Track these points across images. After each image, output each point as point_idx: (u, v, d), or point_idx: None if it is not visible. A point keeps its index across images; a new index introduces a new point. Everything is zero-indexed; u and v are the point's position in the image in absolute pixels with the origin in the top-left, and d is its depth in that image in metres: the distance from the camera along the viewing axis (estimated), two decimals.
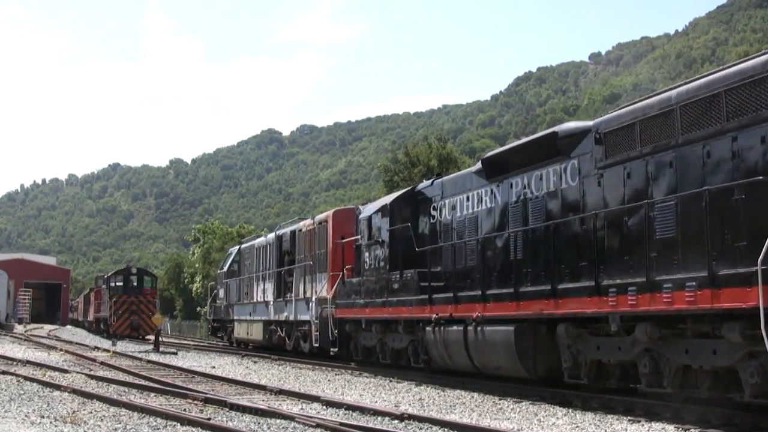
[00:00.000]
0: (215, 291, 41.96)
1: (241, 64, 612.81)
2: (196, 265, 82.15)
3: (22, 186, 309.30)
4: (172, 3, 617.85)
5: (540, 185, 15.53)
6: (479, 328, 16.21)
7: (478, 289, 16.61)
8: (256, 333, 32.52)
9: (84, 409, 12.95)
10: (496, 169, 16.99)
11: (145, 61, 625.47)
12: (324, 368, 22.97)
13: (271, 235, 33.08)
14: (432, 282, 18.46)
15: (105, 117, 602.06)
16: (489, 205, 17.25)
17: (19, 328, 56.98)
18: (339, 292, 23.74)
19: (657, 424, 11.36)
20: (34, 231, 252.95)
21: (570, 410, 13.04)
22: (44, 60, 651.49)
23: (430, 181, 20.59)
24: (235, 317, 36.39)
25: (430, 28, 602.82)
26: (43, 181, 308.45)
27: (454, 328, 17.18)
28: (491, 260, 16.67)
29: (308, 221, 28.84)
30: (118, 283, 48.33)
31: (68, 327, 76.16)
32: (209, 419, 11.46)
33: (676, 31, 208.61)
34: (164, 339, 38.42)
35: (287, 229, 31.43)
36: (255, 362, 26.24)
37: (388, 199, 22.02)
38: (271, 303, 30.99)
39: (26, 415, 12.25)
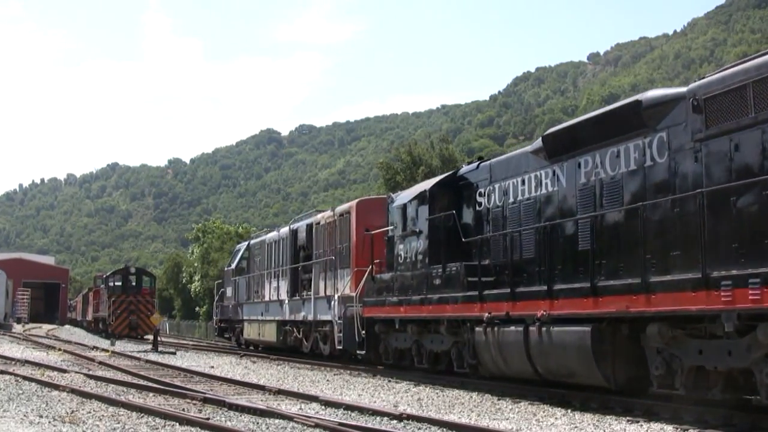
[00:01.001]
0: (222, 289, 39.60)
1: (239, 64, 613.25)
2: (195, 265, 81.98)
3: (20, 186, 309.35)
4: (170, 3, 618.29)
5: (617, 164, 13.51)
6: (544, 329, 14.12)
7: (540, 283, 14.74)
8: (269, 334, 30.69)
9: (82, 409, 12.97)
10: (559, 148, 14.98)
11: (144, 61, 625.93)
12: (323, 368, 22.96)
13: (285, 230, 31.19)
14: (473, 277, 16.64)
15: (104, 117, 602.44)
16: (551, 189, 15.26)
17: (17, 328, 57.13)
18: (367, 290, 21.80)
19: (656, 424, 11.37)
20: (32, 231, 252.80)
21: (569, 410, 13.06)
22: (43, 60, 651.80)
23: (475, 164, 18.57)
24: (245, 317, 34.34)
25: (429, 28, 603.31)
26: (42, 180, 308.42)
27: (512, 328, 15.12)
28: (556, 251, 14.64)
29: (327, 213, 26.96)
30: (116, 283, 48.27)
31: (67, 327, 76.14)
32: (208, 419, 11.48)
33: (675, 31, 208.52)
34: (163, 339, 38.34)
35: (303, 223, 29.50)
36: (254, 362, 26.25)
37: (426, 184, 19.83)
38: (286, 302, 29.03)
39: (25, 415, 12.25)
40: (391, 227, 20.96)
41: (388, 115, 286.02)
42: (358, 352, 22.55)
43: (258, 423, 11.51)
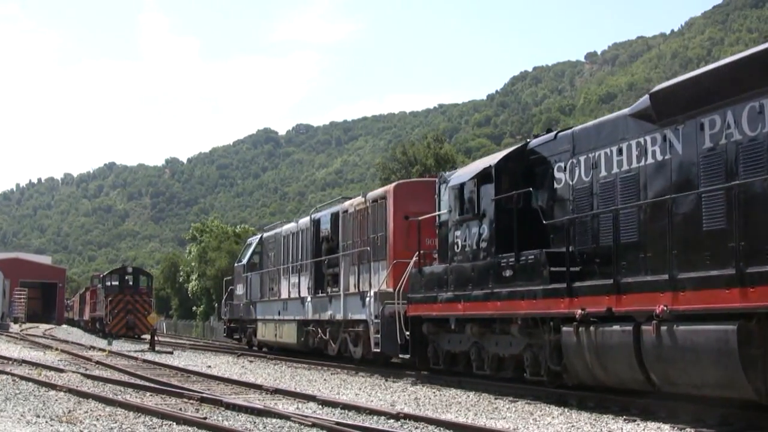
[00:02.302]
0: (231, 287, 37.05)
1: (236, 63, 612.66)
2: (192, 264, 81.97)
3: (17, 185, 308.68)
4: (168, 2, 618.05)
5: (758, 121, 11.04)
6: (664, 328, 11.45)
7: (649, 272, 12.24)
8: (288, 335, 28.32)
9: (80, 409, 12.99)
10: (673, 107, 12.39)
11: (141, 60, 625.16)
12: (320, 368, 22.99)
13: (304, 220, 28.77)
14: (561, 267, 14.02)
15: (101, 116, 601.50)
16: (660, 158, 12.68)
17: (14, 328, 57.25)
18: (412, 284, 19.19)
19: (653, 423, 11.40)
20: (29, 230, 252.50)
21: (566, 409, 13.10)
22: (40, 59, 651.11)
23: (552, 134, 16.04)
24: (259, 316, 31.89)
25: (426, 27, 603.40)
26: (39, 180, 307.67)
27: (616, 328, 12.38)
28: (672, 232, 12.07)
29: (357, 199, 24.28)
30: (113, 283, 48.38)
31: (64, 326, 76.47)
32: (205, 419, 11.49)
33: (672, 30, 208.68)
34: (160, 338, 38.33)
35: (327, 212, 27.17)
36: (251, 362, 26.28)
37: (491, 159, 17.01)
38: (308, 300, 26.48)
39: (22, 415, 12.25)
40: (444, 211, 18.33)
41: (386, 114, 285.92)
42: (400, 356, 20.27)
43: (255, 422, 11.54)
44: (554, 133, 15.94)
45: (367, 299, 21.66)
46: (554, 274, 14.15)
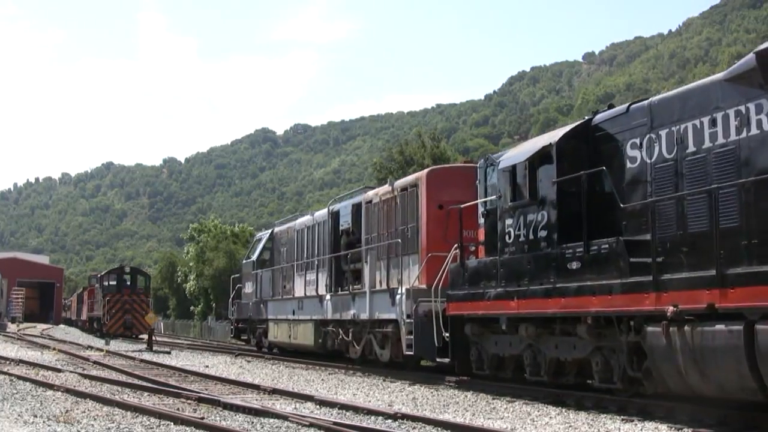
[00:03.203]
0: (239, 285, 35.22)
1: (234, 63, 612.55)
2: (190, 264, 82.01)
3: (15, 185, 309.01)
4: (166, 1, 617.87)
5: None
6: None
7: (759, 260, 10.52)
8: (303, 336, 26.41)
9: (77, 409, 12.96)
10: None
11: (139, 60, 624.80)
12: (318, 368, 22.94)
13: (321, 213, 26.82)
14: (638, 257, 12.28)
15: (98, 115, 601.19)
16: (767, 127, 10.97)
17: (12, 327, 57.09)
18: (453, 279, 17.28)
19: (650, 423, 11.42)
20: (27, 230, 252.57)
21: (563, 410, 13.09)
22: (38, 58, 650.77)
23: (622, 107, 14.20)
24: (270, 316, 29.94)
25: (424, 27, 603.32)
26: (36, 179, 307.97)
27: (721, 328, 10.59)
28: None
29: (383, 188, 22.51)
30: (111, 282, 48.44)
31: (61, 326, 76.25)
32: (203, 418, 11.48)
33: (670, 31, 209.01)
34: (157, 338, 38.38)
35: (347, 203, 25.20)
36: (248, 361, 26.23)
37: (550, 137, 15.06)
38: (327, 298, 24.57)
39: (19, 415, 12.23)
40: (492, 197, 16.46)
41: (384, 114, 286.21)
42: (438, 359, 18.21)
43: (253, 422, 11.52)
44: (626, 105, 14.05)
45: (398, 297, 19.72)
46: (634, 266, 12.29)
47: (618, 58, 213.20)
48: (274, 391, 15.65)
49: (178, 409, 12.73)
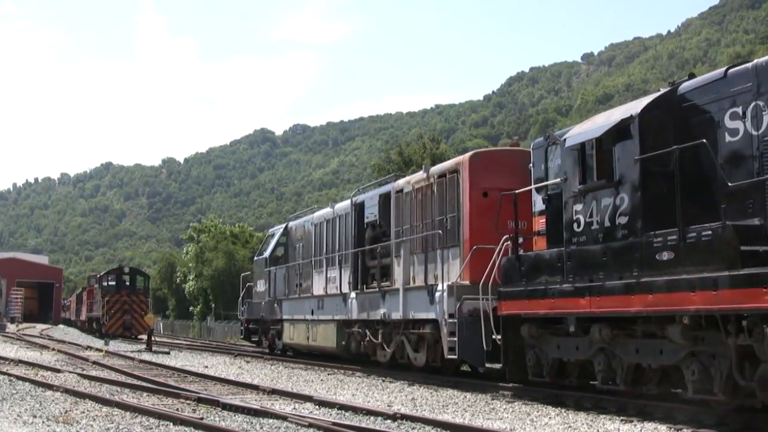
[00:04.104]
0: (249, 284, 33.73)
1: (233, 63, 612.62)
2: (189, 265, 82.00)
3: (14, 185, 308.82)
4: (164, 1, 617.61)
5: None
6: None
7: None
8: (324, 338, 24.63)
9: (76, 409, 12.96)
10: None
11: (138, 60, 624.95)
12: (317, 368, 22.94)
13: (343, 204, 25.03)
14: (745, 245, 10.60)
15: (97, 116, 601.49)
16: None
17: (11, 328, 57.06)
18: (506, 275, 15.48)
19: (649, 423, 11.40)
20: (26, 230, 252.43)
21: (562, 410, 13.09)
22: (36, 58, 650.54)
23: (718, 71, 12.54)
24: (285, 316, 28.10)
25: (423, 27, 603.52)
26: (36, 180, 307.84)
27: None
28: None
29: (417, 176, 20.48)
30: (110, 283, 48.51)
31: (60, 326, 76.22)
32: (202, 419, 11.48)
33: (669, 31, 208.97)
34: (157, 338, 38.36)
35: (373, 193, 23.35)
36: (248, 362, 26.21)
37: (629, 109, 13.09)
38: (352, 296, 22.71)
39: (18, 415, 12.23)
40: (555, 180, 14.67)
41: (383, 114, 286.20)
42: (487, 364, 16.36)
43: (252, 423, 11.52)
44: (722, 70, 12.42)
45: (438, 294, 17.91)
46: (746, 255, 10.56)
47: (617, 58, 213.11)
48: (274, 392, 15.64)
49: (177, 410, 12.72)
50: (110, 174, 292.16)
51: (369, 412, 12.55)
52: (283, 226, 30.83)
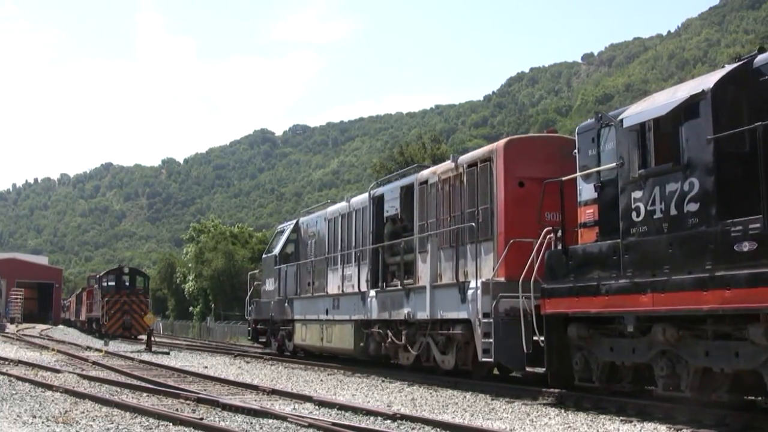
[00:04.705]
0: (257, 282, 32.64)
1: (233, 64, 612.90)
2: (189, 265, 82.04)
3: (14, 185, 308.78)
4: (164, 1, 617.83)
5: None
6: None
7: None
8: (340, 339, 23.38)
9: (76, 409, 12.95)
10: None
11: (138, 60, 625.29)
12: (316, 368, 22.92)
13: (359, 198, 23.74)
14: None
15: (97, 116, 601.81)
16: None
17: (11, 328, 57.00)
18: (551, 270, 14.15)
19: (649, 424, 11.39)
20: (26, 230, 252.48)
21: (562, 410, 13.09)
22: (36, 58, 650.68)
23: None
24: (297, 316, 26.78)
25: (423, 28, 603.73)
26: (35, 180, 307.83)
27: None
28: None
29: (443, 166, 19.26)
30: (110, 283, 48.43)
31: (60, 327, 76.19)
32: (201, 419, 11.46)
33: (669, 32, 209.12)
34: (156, 339, 38.34)
35: (394, 185, 21.97)
36: (247, 362, 26.18)
37: (700, 83, 11.85)
38: (371, 295, 21.42)
39: (18, 415, 12.22)
40: (611, 165, 13.21)
41: (382, 115, 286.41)
42: (528, 369, 15.01)
43: (251, 423, 11.51)
44: None
45: (470, 292, 16.61)
46: None
47: (617, 58, 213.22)
48: (273, 392, 15.64)
49: (177, 410, 12.72)
50: (110, 174, 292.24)
51: (369, 413, 12.54)
52: (294, 222, 29.59)
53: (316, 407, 13.57)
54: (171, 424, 11.41)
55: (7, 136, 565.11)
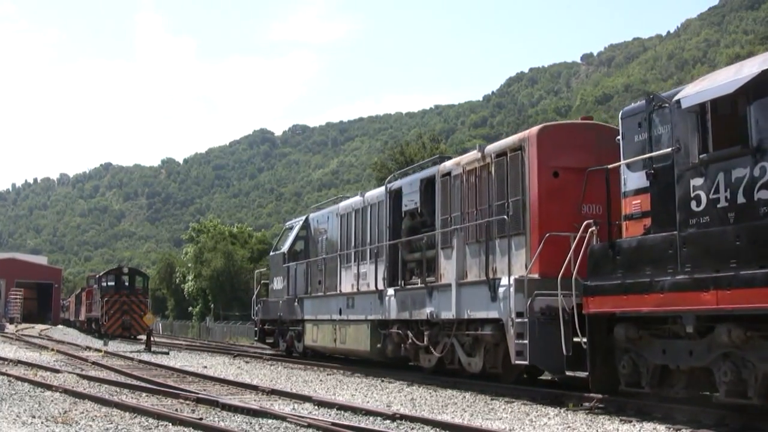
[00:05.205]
0: (264, 281, 31.75)
1: (233, 63, 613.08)
2: (188, 265, 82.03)
3: (13, 185, 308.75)
4: (164, 1, 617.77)
5: None
6: None
7: None
8: (355, 340, 22.39)
9: (75, 409, 12.96)
10: None
11: (138, 60, 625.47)
12: (316, 368, 22.92)
13: (375, 193, 22.86)
14: None
15: (97, 116, 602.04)
16: None
17: (10, 328, 56.99)
18: (596, 266, 12.98)
19: (648, 424, 11.39)
20: (25, 230, 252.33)
21: (562, 410, 13.08)
22: (35, 58, 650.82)
23: None
24: (307, 316, 25.85)
25: (423, 28, 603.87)
26: (35, 180, 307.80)
27: None
28: None
29: (469, 156, 18.16)
30: (109, 283, 48.41)
31: (60, 327, 76.14)
32: (201, 419, 11.47)
33: (668, 32, 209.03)
34: (156, 339, 38.34)
35: (412, 177, 20.94)
36: (247, 362, 26.17)
37: None
38: (390, 294, 20.42)
39: (17, 415, 12.22)
40: (666, 150, 12.01)
41: (382, 115, 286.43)
42: (568, 372, 14.26)
43: (251, 423, 11.51)
44: None
45: (501, 290, 15.64)
46: None
47: (616, 59, 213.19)
48: (273, 392, 15.64)
49: (176, 410, 12.72)
50: (109, 174, 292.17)
51: (368, 413, 12.55)
52: (303, 218, 28.53)
53: (316, 407, 13.57)
54: (170, 424, 11.41)
55: (6, 136, 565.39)
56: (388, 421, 11.77)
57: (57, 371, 20.38)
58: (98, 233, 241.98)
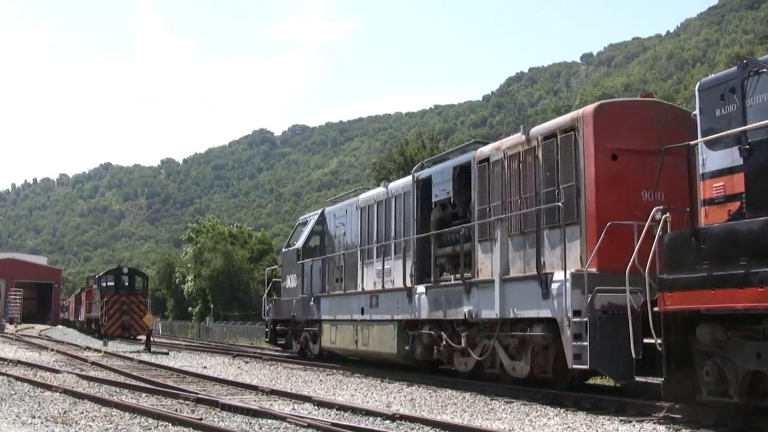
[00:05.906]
0: (275, 279, 30.38)
1: (232, 63, 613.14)
2: (188, 265, 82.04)
3: (13, 185, 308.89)
4: (163, 1, 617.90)
5: None
6: None
7: None
8: (380, 342, 20.73)
9: (75, 410, 12.93)
10: None
11: (137, 60, 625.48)
12: (315, 368, 22.89)
13: (400, 183, 21.39)
14: None
15: (96, 116, 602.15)
16: None
17: (9, 328, 56.96)
18: (676, 257, 10.92)
19: (648, 424, 11.38)
20: (25, 231, 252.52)
21: (561, 410, 13.07)
22: (35, 58, 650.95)
23: None
24: (324, 316, 24.31)
25: (423, 28, 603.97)
26: (35, 180, 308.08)
27: None
28: None
29: (511, 139, 16.55)
30: (109, 283, 48.31)
31: (59, 327, 76.07)
32: (201, 419, 11.45)
33: (668, 32, 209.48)
34: (155, 339, 38.33)
35: (443, 165, 19.31)
36: (246, 362, 26.13)
37: None
38: (420, 291, 18.80)
39: (17, 415, 12.20)
40: (766, 123, 10.18)
41: (381, 115, 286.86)
42: (637, 378, 12.79)
43: (251, 423, 11.49)
44: None
45: (555, 286, 14.07)
46: None
47: (616, 59, 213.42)
48: (273, 392, 15.62)
49: (176, 410, 12.69)
50: (109, 174, 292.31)
51: (368, 413, 12.53)
52: (318, 212, 26.80)
53: (316, 407, 13.55)
54: (170, 424, 11.39)
55: (6, 136, 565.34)
56: (387, 422, 11.75)
57: (57, 371, 20.35)
58: (98, 233, 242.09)
